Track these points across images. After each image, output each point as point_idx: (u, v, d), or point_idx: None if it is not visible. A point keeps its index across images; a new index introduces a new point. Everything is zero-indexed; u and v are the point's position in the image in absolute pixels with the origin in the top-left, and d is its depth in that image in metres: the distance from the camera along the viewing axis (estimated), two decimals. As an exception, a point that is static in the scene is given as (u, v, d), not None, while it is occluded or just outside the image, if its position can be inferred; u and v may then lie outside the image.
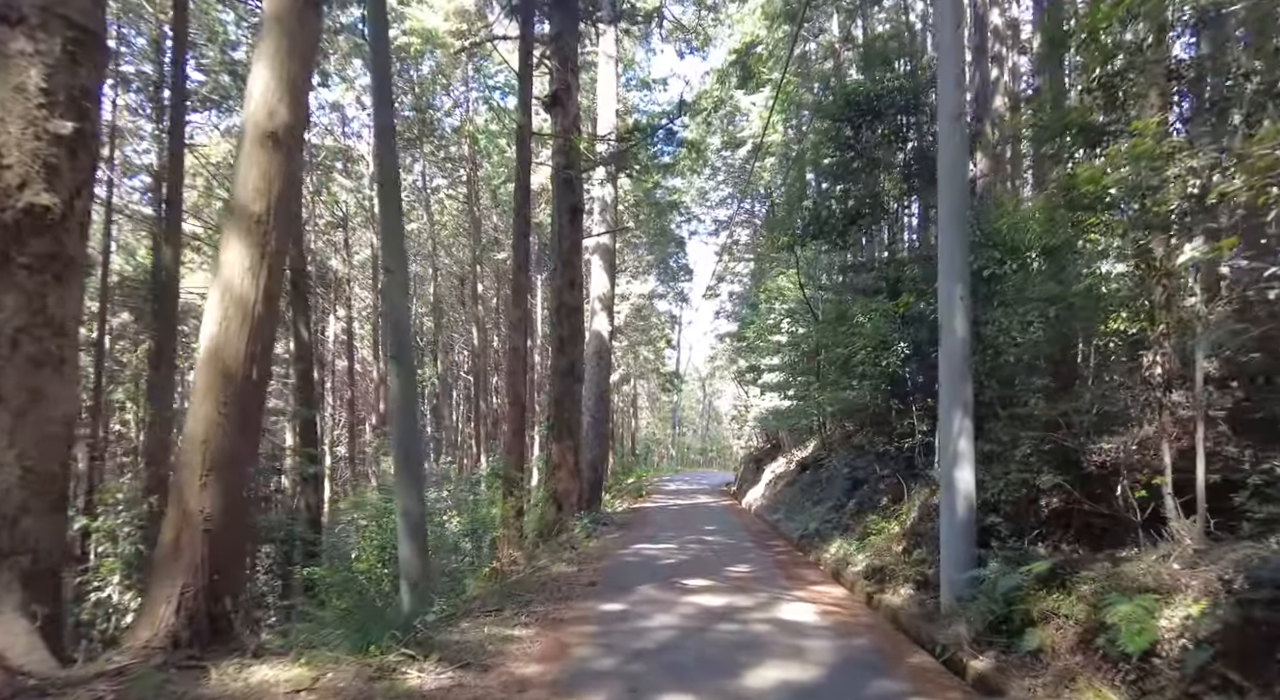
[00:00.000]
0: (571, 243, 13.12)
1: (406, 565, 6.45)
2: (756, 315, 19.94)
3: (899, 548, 8.29)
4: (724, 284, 32.34)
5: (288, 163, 4.31)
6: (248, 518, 4.47)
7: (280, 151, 4.24)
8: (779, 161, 18.66)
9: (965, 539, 6.34)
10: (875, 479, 10.79)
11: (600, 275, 15.85)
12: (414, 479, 6.60)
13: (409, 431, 6.65)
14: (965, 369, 6.42)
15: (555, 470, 12.78)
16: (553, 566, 8.42)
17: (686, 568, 8.57)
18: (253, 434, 4.15)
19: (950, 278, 6.47)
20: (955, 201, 6.43)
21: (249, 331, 4.11)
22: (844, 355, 9.49)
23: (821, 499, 13.66)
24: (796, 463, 18.74)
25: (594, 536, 11.44)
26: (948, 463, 6.48)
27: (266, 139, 4.19)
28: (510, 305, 10.42)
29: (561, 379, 12.99)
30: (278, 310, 4.43)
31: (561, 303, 13.07)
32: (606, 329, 15.78)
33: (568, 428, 12.89)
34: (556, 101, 13.06)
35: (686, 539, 11.45)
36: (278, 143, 4.22)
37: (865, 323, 9.45)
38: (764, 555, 10.04)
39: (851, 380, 9.30)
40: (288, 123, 4.27)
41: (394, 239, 6.82)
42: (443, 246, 25.80)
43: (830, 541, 10.46)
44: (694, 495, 22.62)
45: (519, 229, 10.30)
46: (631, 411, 42.81)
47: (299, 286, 11.61)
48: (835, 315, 10.37)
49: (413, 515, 6.50)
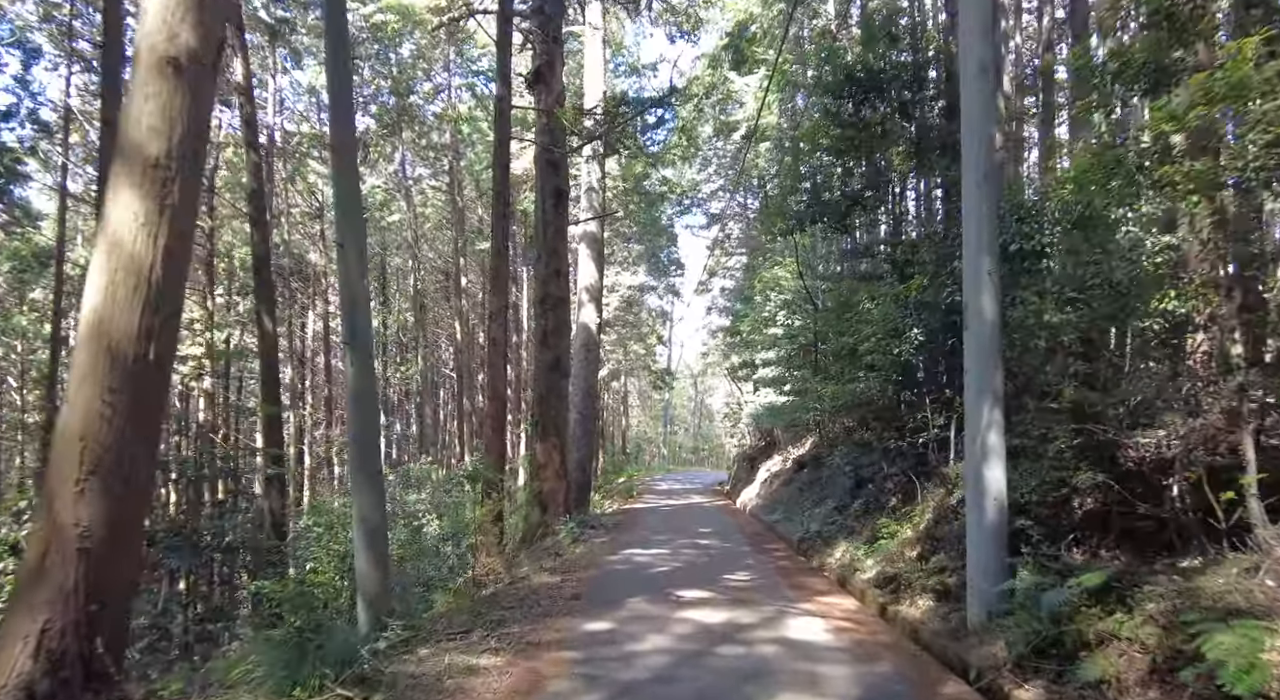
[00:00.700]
0: (556, 229, 12.35)
1: (364, 580, 5.67)
2: (751, 308, 19.25)
3: (913, 553, 7.58)
4: (716, 279, 31.62)
5: (194, 96, 3.51)
6: (140, 533, 3.64)
7: (184, 82, 3.45)
8: (774, 147, 17.94)
9: (996, 545, 5.63)
10: (882, 477, 10.09)
11: (588, 265, 15.08)
12: (372, 481, 5.82)
13: (367, 426, 5.87)
14: (995, 355, 5.72)
15: (540, 470, 12.03)
16: (534, 576, 7.66)
17: (681, 576, 7.83)
18: (149, 428, 3.36)
19: (977, 251, 5.76)
20: (981, 164, 5.72)
21: (143, 301, 3.32)
22: (849, 345, 8.79)
23: (822, 499, 12.96)
24: (793, 461, 18.04)
25: (581, 541, 10.68)
26: (974, 459, 5.77)
27: (165, 65, 3.40)
28: (490, 294, 9.64)
29: (546, 374, 12.22)
30: (182, 277, 3.62)
31: (546, 293, 12.29)
32: (594, 321, 15.01)
33: (553, 425, 12.13)
34: (539, 78, 12.28)
35: (680, 543, 10.71)
36: (179, 70, 3.43)
37: (872, 309, 8.75)
38: (763, 560, 9.32)
39: (858, 371, 8.59)
40: (192, 47, 3.48)
41: (349, 209, 6.04)
42: (425, 239, 24.95)
43: (834, 545, 9.75)
44: (686, 495, 21.89)
45: (498, 211, 9.53)
46: (622, 409, 42.03)
47: (262, 274, 10.77)
48: (838, 303, 9.65)
49: (371, 522, 5.73)
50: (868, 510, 9.95)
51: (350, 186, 6.05)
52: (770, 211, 13.39)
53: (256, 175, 10.86)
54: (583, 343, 14.97)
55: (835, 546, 9.70)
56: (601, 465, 30.59)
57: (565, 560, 8.88)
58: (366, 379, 5.87)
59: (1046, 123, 12.39)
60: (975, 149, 5.71)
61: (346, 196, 6.03)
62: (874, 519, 9.50)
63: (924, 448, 8.39)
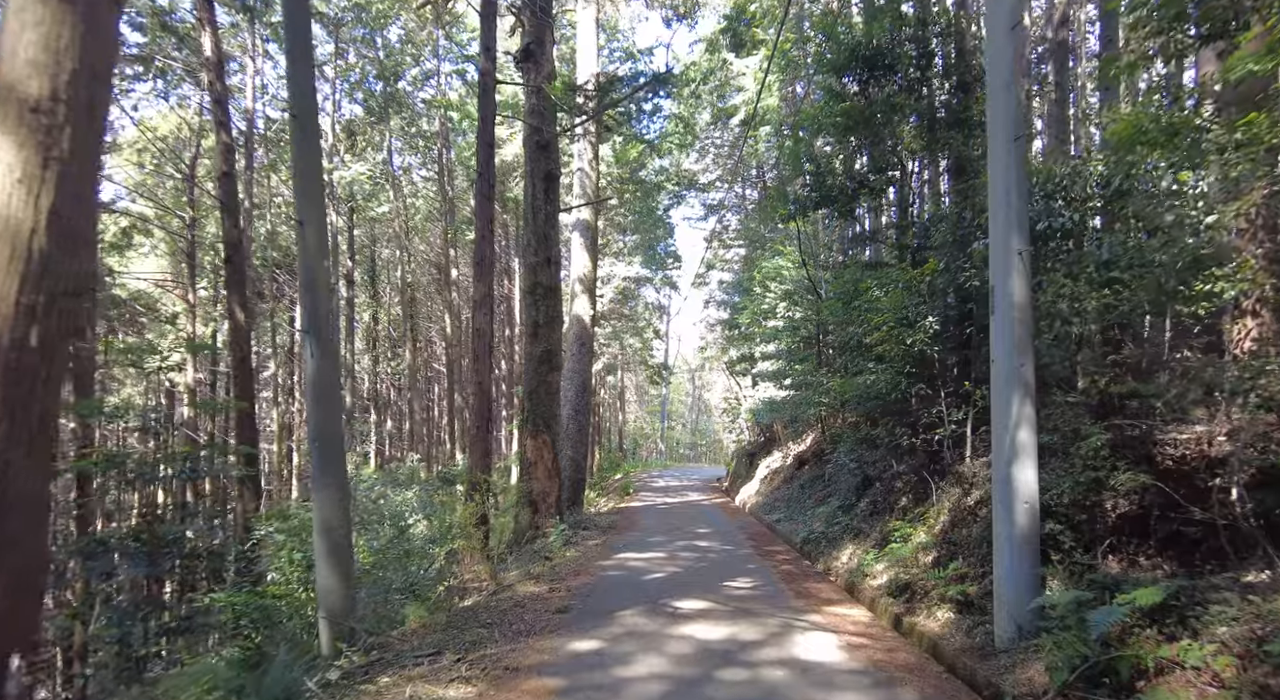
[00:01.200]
0: (547, 215, 11.75)
1: (325, 594, 5.10)
2: (750, 300, 18.67)
3: (928, 558, 7.04)
4: (714, 272, 31.05)
5: (90, 29, 2.90)
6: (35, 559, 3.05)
7: (74, 10, 2.85)
8: (774, 132, 17.34)
9: (1027, 554, 5.09)
10: (890, 476, 9.55)
11: (581, 254, 14.48)
12: (335, 483, 5.25)
13: (329, 423, 5.29)
14: (1026, 341, 5.16)
15: (530, 469, 11.47)
16: (519, 585, 7.09)
17: (678, 583, 7.28)
18: (30, 430, 2.76)
19: (1005, 226, 5.20)
20: (1012, 124, 5.15)
21: (20, 274, 2.73)
22: (857, 336, 8.21)
23: (826, 498, 12.42)
24: (794, 457, 17.51)
25: (573, 544, 10.13)
26: (1002, 458, 5.22)
27: (51, -13, 2.80)
28: (474, 281, 9.06)
29: (537, 367, 11.65)
30: (83, 250, 3.02)
31: (536, 282, 11.71)
32: (588, 313, 14.42)
33: (544, 421, 11.56)
34: (529, 56, 11.66)
35: (677, 545, 10.16)
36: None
37: (881, 298, 8.17)
38: (766, 565, 8.77)
39: (867, 363, 8.01)
40: (86, -33, 2.88)
41: (310, 184, 5.45)
42: (416, 231, 24.32)
43: (841, 548, 9.21)
44: (684, 492, 21.35)
45: (482, 192, 8.93)
46: (619, 405, 41.45)
47: (233, 262, 10.16)
48: (844, 292, 9.07)
49: (333, 529, 5.16)
50: (875, 511, 9.41)
51: (311, 159, 5.46)
52: (771, 197, 12.79)
53: (227, 158, 10.23)
54: (576, 335, 14.39)
55: (842, 549, 9.16)
56: (598, 462, 30.06)
57: (555, 565, 8.32)
58: (328, 370, 5.29)
59: (1060, 103, 11.81)
60: (1004, 107, 5.14)
61: (307, 169, 5.44)
62: (883, 520, 8.96)
63: (937, 445, 7.84)
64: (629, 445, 43.10)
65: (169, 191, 19.27)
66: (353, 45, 17.18)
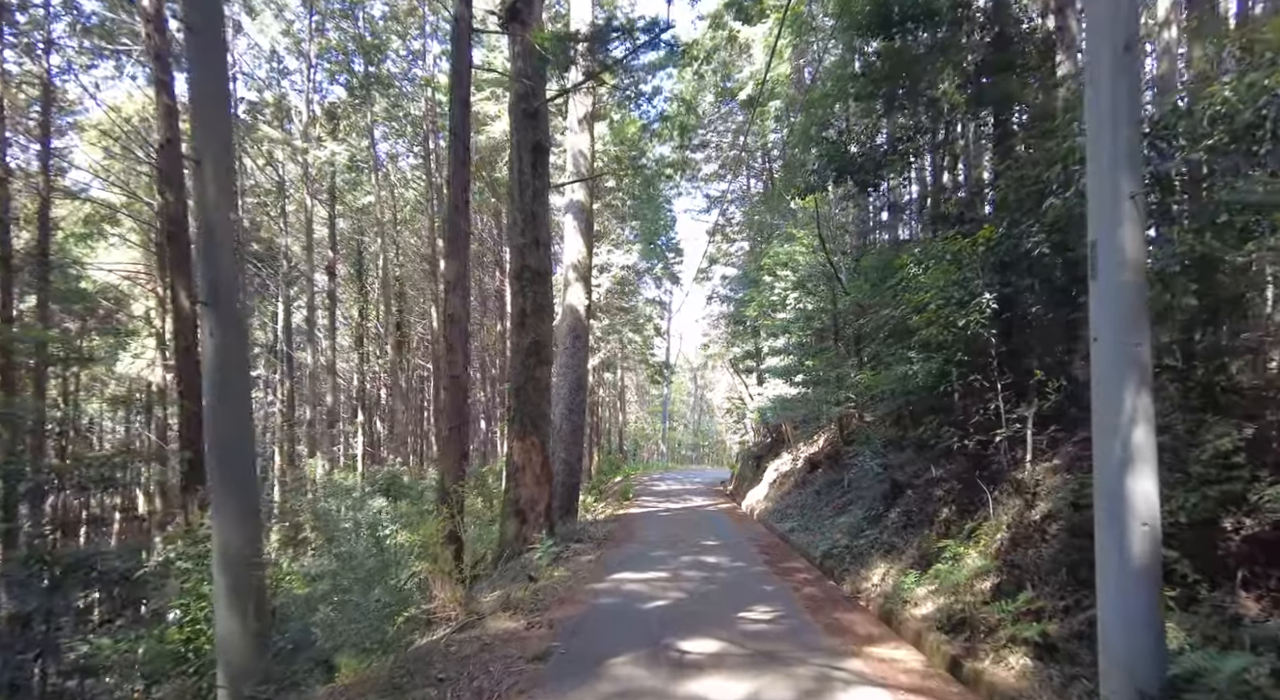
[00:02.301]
0: (535, 191, 10.54)
1: (225, 645, 3.89)
2: (756, 291, 17.46)
3: (985, 585, 5.81)
4: (716, 267, 29.82)
5: None
6: None
7: None
8: (784, 111, 16.12)
9: (1144, 590, 3.85)
10: (926, 483, 8.33)
11: (575, 239, 13.26)
12: (240, 502, 4.04)
13: (233, 420, 4.09)
14: (1141, 313, 3.92)
15: (517, 474, 10.26)
16: (491, 619, 5.88)
17: (684, 615, 6.07)
18: None
19: (1110, 164, 3.95)
20: (1118, 34, 3.92)
21: None
22: (894, 321, 6.99)
23: (846, 506, 11.20)
24: (805, 460, 16.27)
25: (563, 560, 8.92)
26: (1110, 464, 3.98)
27: None
28: (446, 259, 7.86)
29: (524, 360, 10.44)
30: None
31: (524, 266, 10.50)
32: (583, 303, 13.20)
33: (533, 421, 10.36)
34: (515, 14, 10.46)
35: (682, 560, 8.94)
36: None
37: (920, 276, 6.96)
38: (785, 586, 7.55)
39: (908, 352, 6.79)
40: None
41: (211, 112, 4.25)
42: (405, 223, 23.11)
43: (870, 565, 7.99)
44: (686, 497, 20.12)
45: (456, 153, 7.74)
46: (618, 405, 40.22)
47: (176, 241, 8.94)
48: (875, 271, 7.85)
49: (237, 563, 3.96)
50: (910, 523, 8.19)
51: (212, 81, 4.25)
52: (785, 174, 11.56)
53: (169, 123, 9.03)
54: (569, 327, 13.16)
55: (871, 567, 7.94)
56: (596, 464, 28.84)
57: (539, 590, 7.10)
58: (233, 352, 4.08)
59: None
60: (1108, 4, 3.92)
61: (207, 94, 4.23)
62: (920, 535, 7.74)
63: (992, 446, 6.62)
64: (629, 446, 41.92)
65: (139, 178, 18.06)
66: (330, 19, 16.00)
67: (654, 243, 26.14)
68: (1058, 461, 6.38)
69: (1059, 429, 6.12)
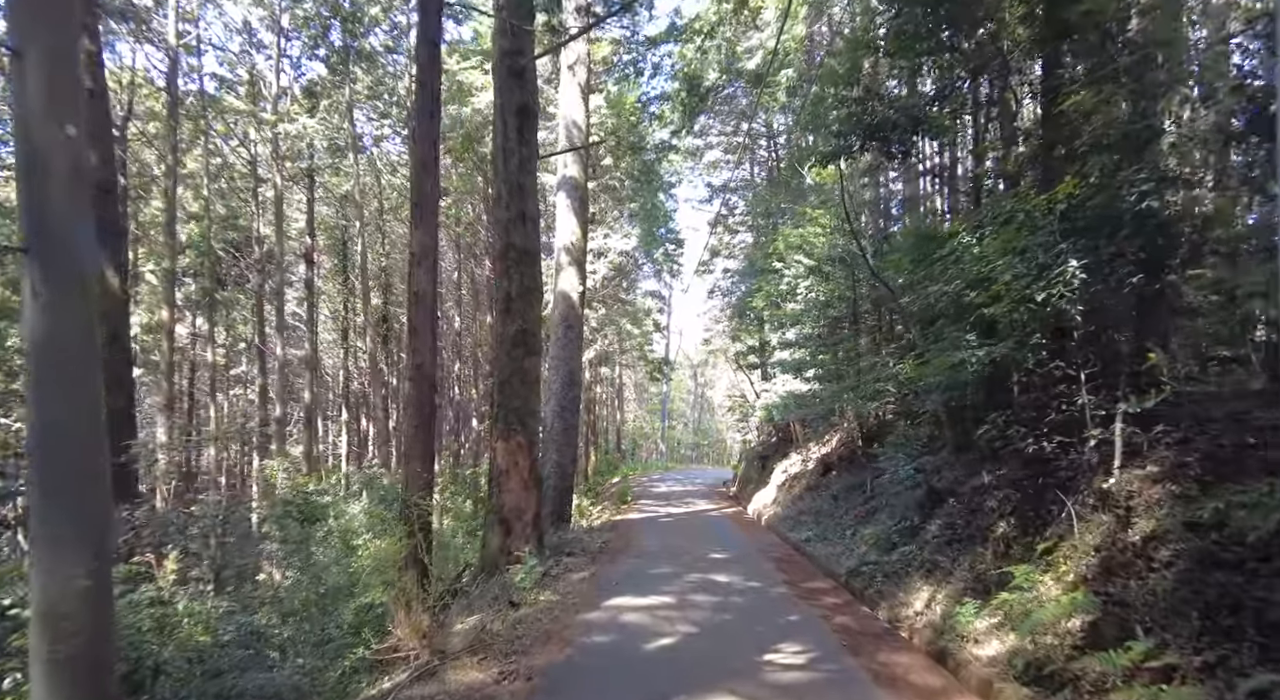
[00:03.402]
0: (521, 159, 9.35)
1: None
2: (764, 281, 16.27)
3: (1075, 624, 4.64)
4: (719, 259, 28.62)
5: None
6: None
7: None
8: (796, 79, 14.94)
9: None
10: (974, 491, 7.16)
11: (568, 218, 12.05)
12: (76, 534, 2.85)
13: (67, 413, 2.89)
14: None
15: (501, 479, 9.08)
16: (455, 667, 4.68)
17: (697, 659, 4.89)
18: None
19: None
20: None
21: None
22: (945, 300, 5.82)
23: (871, 515, 10.04)
24: (817, 461, 15.11)
25: (551, 578, 7.75)
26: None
27: None
28: (413, 228, 6.66)
29: (509, 350, 9.25)
30: None
31: (509, 244, 9.30)
32: (576, 289, 12.00)
33: (518, 419, 9.17)
34: (498, -42, 9.27)
35: (688, 580, 7.76)
36: None
37: (974, 246, 5.79)
38: (812, 615, 6.38)
39: (965, 334, 5.60)
40: None
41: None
42: (393, 210, 21.87)
43: (909, 587, 6.83)
44: (688, 500, 18.95)
45: (424, 106, 6.53)
46: (616, 403, 39.00)
47: (106, 213, 7.71)
48: (915, 243, 6.67)
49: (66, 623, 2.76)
50: (956, 538, 7.01)
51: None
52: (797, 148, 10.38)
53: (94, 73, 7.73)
54: (561, 316, 11.96)
55: (910, 589, 6.78)
56: (593, 464, 27.65)
57: (518, 621, 5.92)
58: (69, 318, 2.89)
59: None
60: None
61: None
62: (968, 552, 6.57)
63: (1060, 448, 5.44)
64: (627, 446, 40.75)
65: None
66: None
67: (654, 232, 24.93)
68: (1153, 468, 5.22)
69: (1166, 429, 4.96)
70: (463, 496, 15.44)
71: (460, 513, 14.73)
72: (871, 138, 8.23)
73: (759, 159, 27.58)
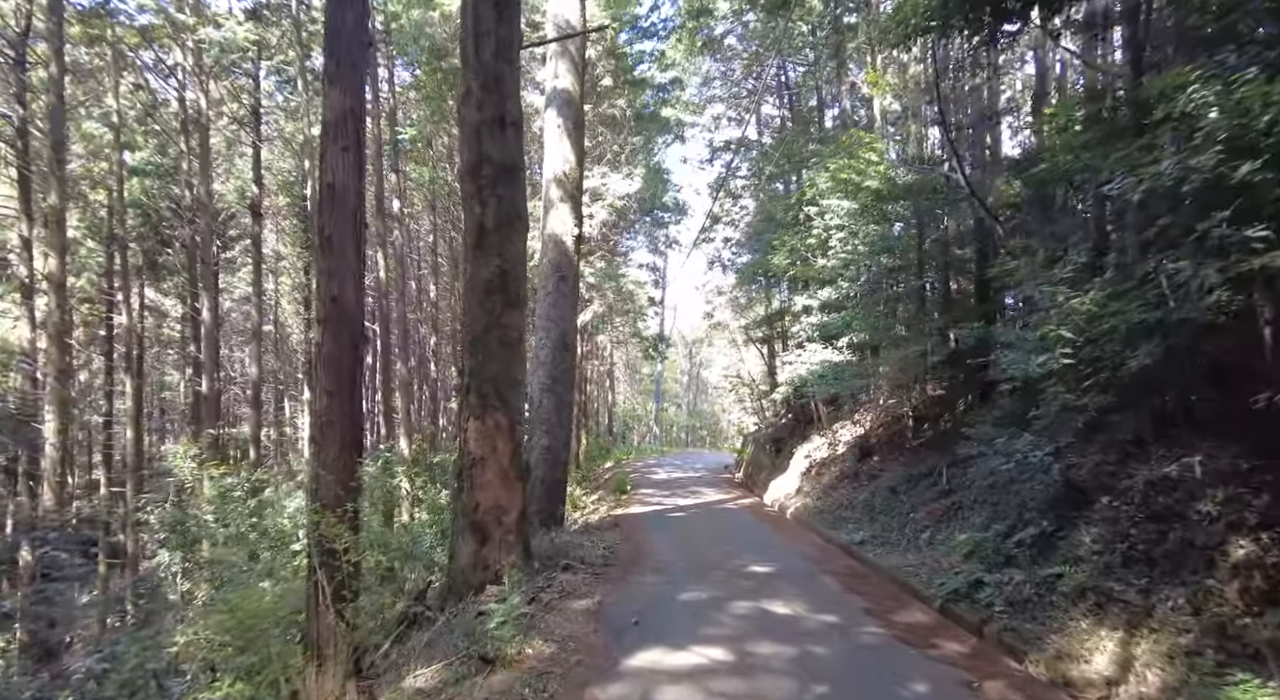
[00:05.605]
0: (500, 43, 6.94)
1: None
2: (787, 235, 13.98)
3: None
4: (721, 226, 26.22)
5: None
6: None
7: None
8: None
9: None
10: (1156, 488, 4.94)
11: (559, 142, 9.62)
12: None
13: None
14: None
15: (474, 470, 6.76)
16: None
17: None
18: None
19: None
20: None
21: None
22: (1197, 179, 3.55)
23: (953, 514, 7.84)
24: (852, 445, 12.92)
25: (541, 615, 5.47)
26: None
27: None
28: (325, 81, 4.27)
29: (483, 300, 6.88)
30: None
31: (482, 156, 6.89)
32: (571, 232, 9.61)
33: (496, 391, 6.82)
34: None
35: (735, 614, 5.52)
36: None
37: (1210, 99, 3.53)
38: (942, 675, 4.17)
39: (1178, 262, 3.33)
40: None
41: None
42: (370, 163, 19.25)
43: (1067, 629, 4.63)
44: (693, 488, 16.75)
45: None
46: (608, 383, 36.62)
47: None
48: (1088, 117, 4.39)
49: None
50: (1135, 557, 4.78)
51: None
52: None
53: None
54: (552, 263, 9.57)
55: (1071, 632, 4.58)
56: (585, 448, 25.35)
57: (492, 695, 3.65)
58: None
59: None
60: None
61: None
62: (1179, 581, 4.36)
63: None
64: (620, 428, 38.54)
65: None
66: None
67: (661, 178, 22.29)
68: None
69: None
70: (438, 486, 13.24)
71: (434, 505, 12.55)
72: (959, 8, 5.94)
73: (765, 118, 25.19)
